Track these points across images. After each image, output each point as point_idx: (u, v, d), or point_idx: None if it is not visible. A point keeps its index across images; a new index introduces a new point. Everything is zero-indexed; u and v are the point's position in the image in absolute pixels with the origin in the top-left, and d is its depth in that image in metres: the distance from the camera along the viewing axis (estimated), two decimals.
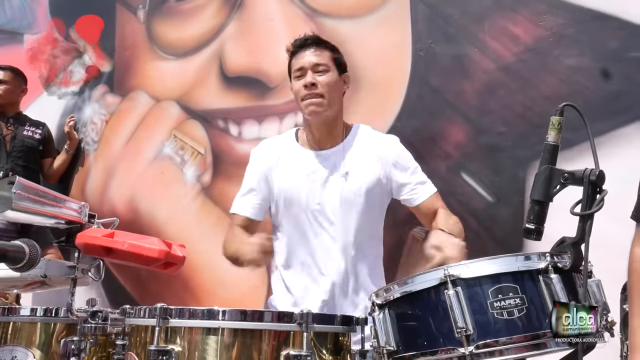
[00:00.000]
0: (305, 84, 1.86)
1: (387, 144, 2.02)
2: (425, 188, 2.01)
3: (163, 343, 1.15)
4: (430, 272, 1.17)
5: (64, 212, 1.32)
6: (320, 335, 1.21)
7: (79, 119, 3.79)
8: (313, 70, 1.88)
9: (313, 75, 1.87)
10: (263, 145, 2.07)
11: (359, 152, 1.95)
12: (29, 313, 1.49)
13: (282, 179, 1.94)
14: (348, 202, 1.90)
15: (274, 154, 1.99)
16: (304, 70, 1.89)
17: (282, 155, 1.98)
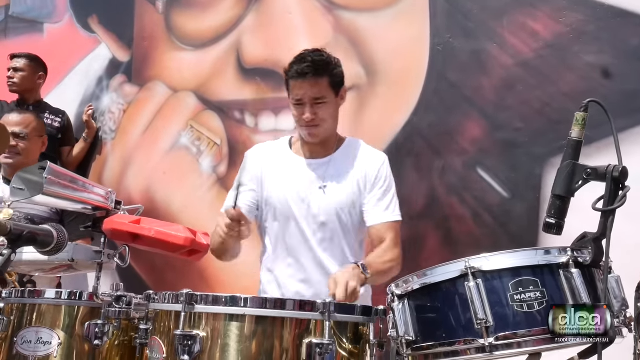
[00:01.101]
0: (305, 118, 1.91)
1: (371, 162, 1.99)
2: (382, 213, 1.92)
3: (188, 328, 1.18)
4: (450, 264, 1.19)
5: (91, 198, 1.35)
6: (340, 324, 1.23)
7: (97, 108, 3.83)
8: (312, 103, 1.91)
9: (312, 110, 1.90)
10: (257, 149, 2.11)
11: (342, 167, 1.98)
12: (54, 296, 1.52)
13: (273, 185, 1.99)
14: (326, 215, 1.93)
15: (267, 159, 2.04)
16: (302, 101, 1.92)
17: (275, 161, 2.03)
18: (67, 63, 4.02)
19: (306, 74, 1.88)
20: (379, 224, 1.90)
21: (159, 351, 1.24)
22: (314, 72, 1.89)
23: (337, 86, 1.97)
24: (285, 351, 1.18)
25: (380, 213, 1.92)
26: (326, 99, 1.92)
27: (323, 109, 1.92)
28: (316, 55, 1.92)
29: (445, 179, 2.73)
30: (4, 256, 1.09)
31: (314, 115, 1.89)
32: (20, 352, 1.49)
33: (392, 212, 1.94)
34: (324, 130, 1.95)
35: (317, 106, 1.90)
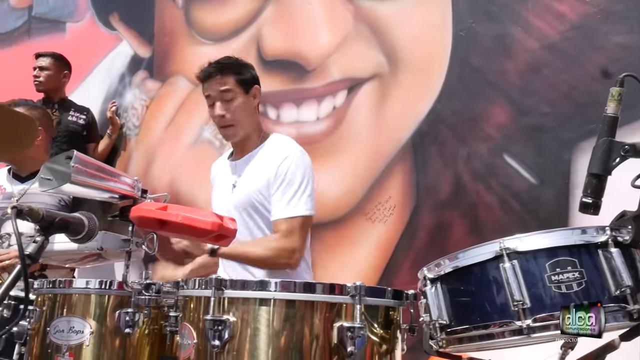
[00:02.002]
0: (214, 116, 2.01)
1: (275, 158, 1.99)
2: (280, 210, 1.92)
3: (218, 313, 1.18)
4: (483, 246, 1.16)
5: (118, 187, 1.36)
6: (371, 308, 1.22)
7: (120, 105, 3.87)
8: (221, 100, 1.99)
9: (221, 106, 1.98)
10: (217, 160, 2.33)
11: (254, 166, 2.02)
12: (84, 285, 1.53)
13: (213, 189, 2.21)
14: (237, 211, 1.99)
15: (216, 167, 2.27)
16: (212, 100, 2.02)
17: (219, 169, 2.21)
18: (89, 61, 4.07)
19: (211, 73, 2.01)
20: (276, 220, 1.93)
21: (190, 337, 1.24)
22: (219, 71, 2.01)
23: (246, 84, 2.04)
24: (316, 335, 1.16)
25: (278, 209, 1.92)
26: (233, 94, 1.99)
27: (233, 106, 1.98)
28: (223, 59, 2.08)
29: (470, 167, 2.69)
30: (37, 243, 1.09)
31: (224, 111, 1.97)
32: (53, 342, 1.51)
33: (287, 207, 1.92)
34: (239, 129, 2.01)
35: (227, 103, 1.98)
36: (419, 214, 2.81)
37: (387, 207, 2.88)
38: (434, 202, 2.76)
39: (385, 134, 2.92)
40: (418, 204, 2.82)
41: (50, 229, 1.13)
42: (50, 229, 1.13)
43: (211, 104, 2.02)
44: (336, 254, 2.96)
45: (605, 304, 1.06)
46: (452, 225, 2.71)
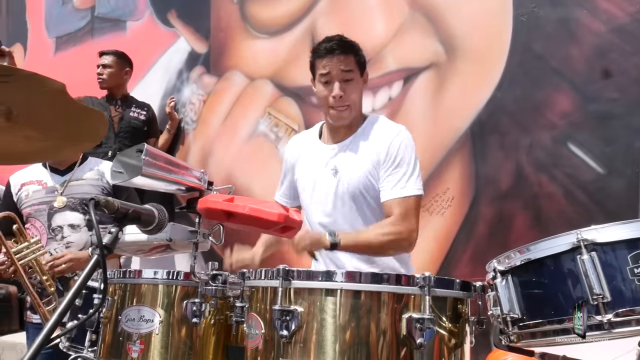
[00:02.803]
0: (333, 96, 1.89)
1: (382, 138, 1.91)
2: (391, 190, 1.85)
3: (286, 303, 1.18)
4: (558, 237, 1.11)
5: (186, 179, 1.39)
6: (439, 299, 1.20)
7: (178, 100, 3.97)
8: (341, 79, 1.89)
9: (340, 86, 1.89)
10: (291, 141, 2.18)
11: (361, 148, 1.93)
12: (152, 276, 1.58)
13: (302, 173, 2.04)
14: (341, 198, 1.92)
15: (297, 149, 2.09)
16: (330, 77, 1.90)
17: (304, 150, 2.06)
18: (149, 58, 4.19)
19: (334, 50, 1.89)
20: (388, 201, 1.84)
21: (257, 327, 1.25)
22: (342, 49, 1.90)
23: (362, 66, 1.96)
24: (383, 326, 1.15)
25: (389, 190, 1.85)
26: (353, 75, 1.91)
27: (351, 87, 1.90)
28: (342, 37, 1.95)
29: (533, 156, 2.61)
30: (113, 234, 1.13)
31: (342, 92, 1.88)
32: (124, 330, 1.56)
33: (401, 187, 1.85)
34: (353, 111, 1.94)
35: (345, 84, 1.89)
36: (478, 205, 2.75)
37: (445, 199, 2.83)
38: (494, 194, 2.70)
39: (442, 124, 2.87)
40: (477, 195, 2.75)
41: (124, 220, 1.17)
42: (124, 220, 1.17)
43: (328, 81, 1.90)
44: None
45: None
46: (513, 217, 2.64)
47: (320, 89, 1.94)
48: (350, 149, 1.93)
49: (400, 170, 1.86)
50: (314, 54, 1.96)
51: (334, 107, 1.91)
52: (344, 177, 1.91)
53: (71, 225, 2.39)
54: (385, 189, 1.86)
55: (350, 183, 1.89)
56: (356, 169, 1.90)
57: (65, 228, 2.38)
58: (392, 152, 1.88)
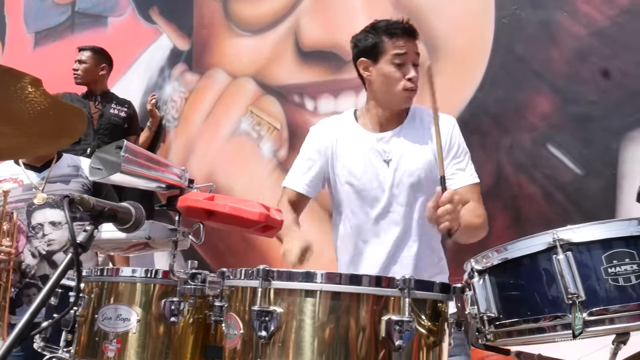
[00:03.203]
0: (410, 78, 1.83)
1: (445, 125, 1.88)
2: (462, 176, 1.85)
3: (265, 304, 1.17)
4: (535, 237, 1.13)
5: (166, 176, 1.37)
6: (419, 301, 1.20)
7: (159, 97, 3.94)
8: (413, 63, 1.85)
9: (414, 70, 1.84)
10: (322, 124, 2.02)
11: (414, 137, 1.89)
12: (130, 274, 1.56)
13: (345, 160, 1.91)
14: (400, 187, 1.85)
15: (332, 133, 1.95)
16: (406, 59, 1.83)
17: (342, 136, 1.94)
18: (130, 55, 4.14)
19: (411, 32, 1.84)
20: (460, 188, 1.82)
21: (236, 327, 1.24)
22: (415, 34, 1.86)
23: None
24: (362, 328, 1.15)
25: (459, 177, 1.84)
26: (419, 60, 1.86)
27: (418, 72, 1.85)
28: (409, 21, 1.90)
29: (513, 157, 2.63)
30: (88, 232, 1.12)
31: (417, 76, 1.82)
32: (101, 328, 1.53)
33: (470, 174, 1.87)
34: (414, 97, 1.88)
35: (415, 68, 1.84)
36: None
37: None
38: None
39: None
40: None
41: (99, 218, 1.15)
42: (100, 218, 1.15)
43: (402, 63, 1.82)
44: None
45: None
46: (493, 217, 2.64)
47: (391, 70, 1.83)
48: (405, 136, 1.88)
49: (465, 159, 1.88)
50: (384, 32, 1.84)
51: (407, 89, 1.84)
52: (401, 165, 1.85)
53: (52, 222, 2.35)
54: (454, 177, 1.84)
55: (409, 171, 1.84)
56: (415, 157, 1.85)
57: (46, 225, 2.35)
58: (455, 141, 1.88)
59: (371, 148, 1.89)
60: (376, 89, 1.89)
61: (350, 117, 1.99)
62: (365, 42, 1.88)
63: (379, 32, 1.86)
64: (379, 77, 1.86)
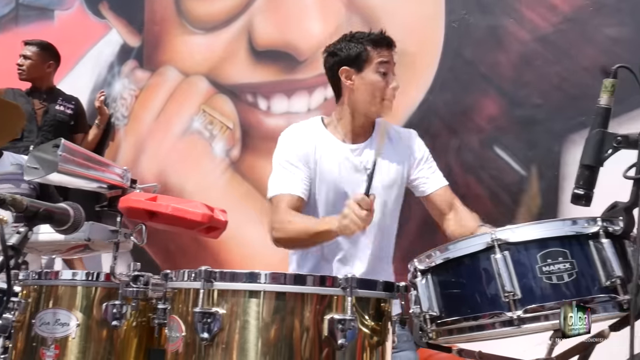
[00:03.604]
0: (394, 87, 1.88)
1: (411, 136, 2.01)
2: (438, 177, 1.98)
3: (207, 305, 1.16)
4: (475, 237, 1.16)
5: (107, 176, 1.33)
6: (362, 300, 1.21)
7: (108, 94, 3.83)
8: (393, 73, 1.91)
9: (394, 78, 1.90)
10: (296, 130, 1.99)
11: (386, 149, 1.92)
12: (70, 277, 1.51)
13: (325, 169, 1.90)
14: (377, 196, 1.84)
15: (309, 141, 1.93)
16: (389, 68, 1.88)
17: (319, 144, 1.92)
18: (78, 50, 4.02)
19: (392, 44, 1.90)
20: (441, 189, 1.94)
21: (178, 330, 1.22)
22: (394, 45, 1.92)
23: None
24: (305, 328, 1.15)
25: (436, 179, 1.95)
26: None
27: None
28: None
29: (461, 158, 2.69)
30: (21, 234, 1.07)
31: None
32: (38, 334, 1.49)
33: (441, 175, 1.99)
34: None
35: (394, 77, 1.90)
36: (410, 205, 2.79)
37: None
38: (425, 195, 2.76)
39: None
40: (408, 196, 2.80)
41: (34, 219, 1.11)
42: (34, 219, 1.11)
43: (386, 71, 1.87)
44: None
45: (596, 295, 1.07)
46: None
47: (376, 79, 1.85)
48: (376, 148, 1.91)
49: (432, 161, 2.00)
50: (368, 42, 1.87)
51: (388, 99, 1.87)
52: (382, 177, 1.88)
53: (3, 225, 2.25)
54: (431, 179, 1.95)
55: (384, 180, 1.89)
56: (389, 169, 1.91)
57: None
58: (422, 149, 2.01)
59: (346, 158, 1.90)
60: (359, 97, 1.89)
61: (321, 126, 1.97)
62: (348, 51, 1.89)
63: (363, 42, 1.88)
64: (363, 85, 1.87)
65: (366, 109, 1.89)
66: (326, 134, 1.95)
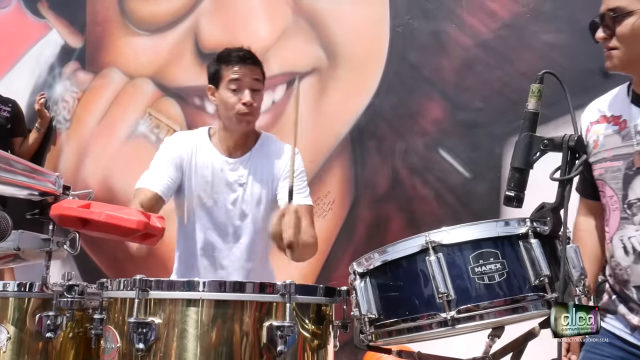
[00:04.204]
0: (245, 102, 1.92)
1: (287, 152, 2.02)
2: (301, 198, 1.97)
3: (143, 315, 1.13)
4: (410, 239, 1.17)
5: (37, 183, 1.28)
6: (302, 306, 1.21)
7: (49, 97, 3.70)
8: (251, 88, 1.93)
9: (250, 94, 1.92)
10: (177, 137, 2.09)
11: (262, 162, 2.02)
12: (1, 288, 1.45)
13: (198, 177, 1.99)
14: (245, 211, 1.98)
15: (187, 148, 2.01)
16: (241, 85, 1.93)
17: (196, 152, 2.01)
18: (16, 50, 3.86)
19: (246, 59, 1.94)
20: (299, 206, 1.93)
21: (113, 340, 1.19)
22: (253, 60, 1.96)
23: (264, 79, 2.02)
24: (245, 335, 1.14)
25: (299, 199, 1.93)
26: (261, 86, 1.98)
27: (258, 97, 1.96)
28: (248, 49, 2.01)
29: (407, 161, 2.73)
30: None
31: (253, 100, 1.92)
32: None
33: (304, 196, 1.98)
34: (256, 120, 2.00)
35: (254, 93, 1.93)
36: (357, 208, 2.83)
37: (326, 202, 2.88)
38: (372, 197, 2.79)
39: (324, 128, 2.92)
40: (356, 198, 2.84)
41: None
42: None
43: (237, 88, 1.92)
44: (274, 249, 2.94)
45: (526, 293, 1.10)
46: (389, 219, 2.74)
47: (227, 95, 1.93)
48: (252, 163, 2.00)
49: (302, 183, 1.99)
50: (222, 60, 1.96)
51: (242, 114, 1.92)
52: (251, 188, 1.97)
53: None
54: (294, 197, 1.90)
55: (255, 194, 1.97)
56: (260, 182, 1.98)
57: None
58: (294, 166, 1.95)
59: (221, 170, 1.99)
60: (221, 113, 1.99)
61: (205, 136, 2.05)
62: (209, 70, 2.02)
63: (219, 60, 1.98)
64: (220, 102, 1.97)
65: (227, 124, 1.98)
66: (208, 144, 2.03)
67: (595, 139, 1.48)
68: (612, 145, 1.44)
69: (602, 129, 1.48)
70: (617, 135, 1.44)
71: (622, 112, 1.45)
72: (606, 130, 1.47)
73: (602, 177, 1.46)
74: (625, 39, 1.37)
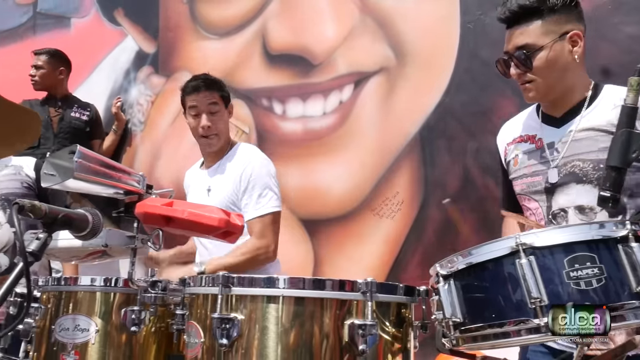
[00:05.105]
0: (202, 126, 2.17)
1: (240, 163, 2.17)
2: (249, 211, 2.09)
3: (226, 311, 1.15)
4: (498, 241, 1.12)
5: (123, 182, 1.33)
6: (382, 304, 1.19)
7: (125, 100, 3.85)
8: (208, 112, 2.18)
9: (207, 118, 2.17)
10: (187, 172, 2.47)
11: (226, 172, 2.18)
12: (89, 283, 1.51)
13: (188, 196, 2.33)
14: None
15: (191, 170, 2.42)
16: (198, 111, 2.19)
17: (191, 177, 2.37)
18: (94, 57, 4.05)
19: (200, 87, 2.19)
20: (249, 221, 2.07)
21: (197, 336, 1.21)
22: (207, 86, 2.20)
23: (226, 100, 2.25)
24: (326, 333, 1.13)
25: (249, 211, 2.09)
26: (218, 107, 2.19)
27: (217, 118, 2.18)
28: (206, 75, 2.27)
29: (479, 160, 2.65)
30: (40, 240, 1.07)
31: (210, 122, 2.15)
32: (58, 340, 1.49)
33: (256, 208, 2.09)
34: (220, 139, 2.20)
35: (212, 115, 2.17)
36: (427, 209, 2.77)
37: (394, 203, 2.84)
38: (442, 197, 2.73)
39: (392, 128, 2.88)
40: (426, 199, 2.78)
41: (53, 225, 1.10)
42: (53, 225, 1.11)
43: (196, 114, 2.18)
44: (343, 250, 2.93)
45: (626, 301, 1.02)
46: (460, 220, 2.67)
47: (190, 121, 2.22)
48: (219, 171, 2.20)
49: (254, 193, 2.11)
50: (183, 92, 2.24)
51: (203, 136, 2.18)
52: (214, 195, 2.17)
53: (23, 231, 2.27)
54: (245, 210, 2.10)
55: (219, 200, 2.12)
56: (223, 189, 2.15)
57: None
58: (245, 178, 2.13)
59: (199, 180, 2.26)
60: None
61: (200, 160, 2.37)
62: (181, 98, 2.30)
63: (182, 91, 2.27)
64: (189, 126, 2.25)
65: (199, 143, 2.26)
66: (198, 166, 2.37)
67: (514, 157, 1.61)
68: (531, 162, 1.56)
69: (520, 147, 1.61)
70: (534, 153, 1.56)
71: (536, 132, 1.58)
72: (524, 148, 1.60)
73: (524, 191, 1.57)
74: (541, 70, 1.49)
